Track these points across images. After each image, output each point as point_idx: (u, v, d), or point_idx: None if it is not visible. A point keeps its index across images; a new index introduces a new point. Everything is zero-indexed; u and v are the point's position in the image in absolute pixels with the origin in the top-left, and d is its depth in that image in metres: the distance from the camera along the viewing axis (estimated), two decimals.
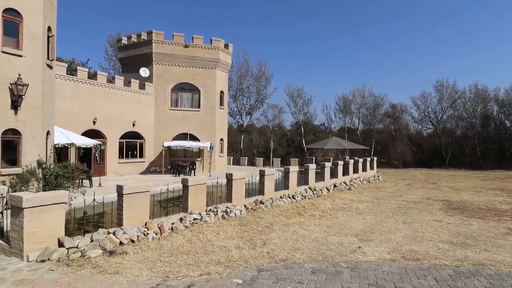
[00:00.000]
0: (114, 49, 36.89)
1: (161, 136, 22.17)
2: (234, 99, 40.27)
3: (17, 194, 5.73)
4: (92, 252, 5.97)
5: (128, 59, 23.83)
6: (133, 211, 7.33)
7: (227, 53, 24.81)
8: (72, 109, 17.42)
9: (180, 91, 23.17)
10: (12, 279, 4.97)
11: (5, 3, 10.60)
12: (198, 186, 9.02)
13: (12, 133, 10.82)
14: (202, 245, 6.94)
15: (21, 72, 10.86)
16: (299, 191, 13.35)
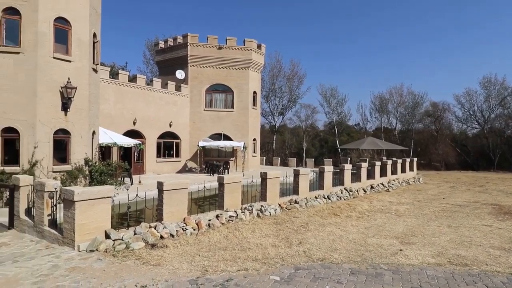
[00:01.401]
0: (151, 53, 38.51)
1: (196, 136, 22.76)
2: (267, 100, 40.33)
3: (69, 188, 6.16)
4: (135, 244, 6.27)
5: (165, 62, 24.75)
6: (172, 207, 7.59)
7: (259, 53, 24.94)
8: (114, 111, 18.40)
9: (214, 92, 23.64)
10: (65, 266, 5.35)
11: (56, 12, 11.44)
12: (234, 184, 9.15)
13: (63, 133, 11.66)
14: (238, 241, 7.03)
15: (70, 76, 11.67)
16: (335, 192, 13.09)
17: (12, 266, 5.30)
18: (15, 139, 10.82)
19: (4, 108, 10.57)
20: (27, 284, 4.68)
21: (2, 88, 10.56)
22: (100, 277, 4.99)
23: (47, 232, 6.74)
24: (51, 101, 11.23)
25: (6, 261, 5.54)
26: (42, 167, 10.94)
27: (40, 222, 6.93)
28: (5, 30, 10.78)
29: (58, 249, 6.14)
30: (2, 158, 10.66)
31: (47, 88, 11.12)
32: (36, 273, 5.07)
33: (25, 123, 10.78)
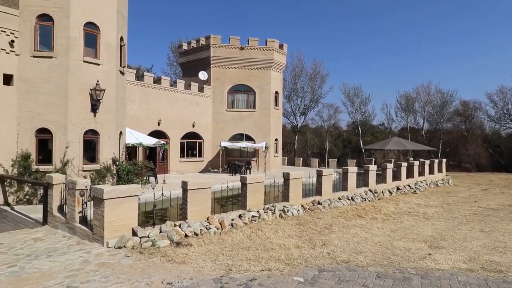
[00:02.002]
0: (175, 55, 39.33)
1: (218, 136, 23.00)
2: (288, 100, 40.14)
3: (99, 186, 6.39)
4: (161, 242, 6.41)
5: (188, 64, 25.19)
6: (196, 206, 7.70)
7: (281, 53, 24.86)
8: (140, 112, 18.93)
9: (236, 92, 23.79)
10: (95, 262, 5.55)
11: (86, 17, 11.91)
12: (256, 184, 9.16)
13: (92, 133, 12.11)
14: (261, 242, 7.03)
15: (99, 79, 12.10)
16: (359, 193, 12.81)
17: (46, 261, 5.56)
18: (48, 139, 11.35)
19: (39, 110, 11.12)
20: (60, 278, 4.90)
21: (37, 90, 11.12)
22: (128, 273, 5.15)
23: (78, 229, 7.03)
24: (81, 102, 11.70)
25: (41, 255, 5.83)
26: (73, 166, 11.42)
27: (72, 219, 7.23)
28: (40, 36, 11.34)
29: (88, 245, 6.38)
30: (36, 157, 11.21)
31: (78, 90, 11.60)
32: (68, 267, 5.30)
33: (58, 124, 11.29)
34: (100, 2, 12.26)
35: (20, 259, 5.66)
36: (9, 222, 8.38)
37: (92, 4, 11.99)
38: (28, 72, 11.10)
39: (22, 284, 4.67)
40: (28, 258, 5.71)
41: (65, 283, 4.72)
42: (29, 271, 5.13)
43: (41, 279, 4.84)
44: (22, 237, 7.03)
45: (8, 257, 5.73)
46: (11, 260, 5.58)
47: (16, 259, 5.64)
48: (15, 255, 5.86)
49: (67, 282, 4.73)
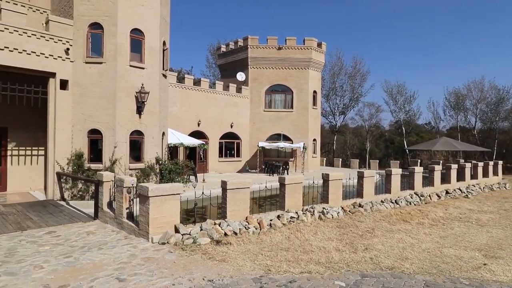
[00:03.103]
0: (213, 57, 40.26)
1: (256, 137, 23.15)
2: (327, 99, 39.30)
3: (144, 184, 6.71)
4: (202, 239, 6.57)
5: (226, 65, 25.65)
6: (235, 206, 7.79)
7: (320, 52, 24.41)
8: (181, 113, 19.61)
9: (274, 92, 23.78)
10: (141, 256, 5.83)
11: (132, 24, 12.57)
12: (295, 185, 9.07)
13: (137, 134, 12.76)
14: (300, 243, 6.94)
15: (143, 82, 12.72)
16: (403, 196, 12.17)
17: (98, 253, 5.95)
18: (98, 140, 12.15)
19: (91, 112, 11.95)
20: (110, 269, 5.21)
21: (89, 94, 11.96)
22: (171, 268, 5.33)
23: (125, 224, 7.43)
24: (128, 105, 12.37)
25: (93, 248, 6.24)
26: (121, 165, 12.11)
27: (120, 215, 7.66)
28: (91, 43, 12.18)
29: (134, 240, 6.72)
30: (88, 156, 12.06)
31: (125, 93, 12.29)
32: (117, 260, 5.61)
33: (107, 125, 12.05)
34: (145, 9, 12.89)
35: (74, 250, 6.11)
36: (65, 216, 9.09)
37: (137, 11, 12.64)
38: (81, 77, 11.96)
39: (77, 274, 5.03)
40: (81, 250, 6.15)
41: (115, 275, 5.00)
42: (82, 262, 5.51)
43: (93, 270, 5.18)
44: (76, 230, 7.59)
45: (64, 248, 6.21)
46: (67, 251, 6.03)
47: (71, 250, 6.09)
48: (70, 247, 6.33)
49: (116, 274, 5.01)
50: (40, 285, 4.61)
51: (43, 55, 11.22)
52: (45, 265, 5.29)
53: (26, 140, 13.05)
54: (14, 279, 4.76)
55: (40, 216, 8.95)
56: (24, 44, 10.80)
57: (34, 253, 5.94)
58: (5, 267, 5.21)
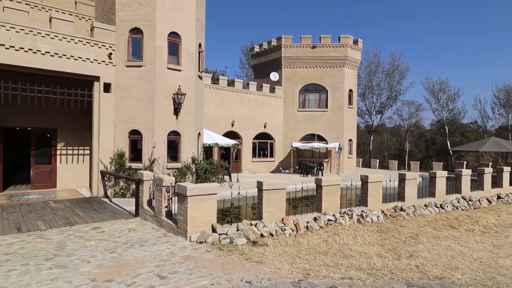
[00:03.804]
0: (247, 57, 40.52)
1: (289, 137, 22.93)
2: (363, 98, 38.03)
3: (182, 184, 6.83)
4: (238, 240, 6.56)
5: (260, 66, 25.67)
6: (271, 207, 7.72)
7: (356, 49, 23.67)
8: (216, 113, 19.91)
9: (308, 92, 23.42)
10: (180, 254, 5.93)
11: (169, 28, 12.93)
12: (332, 187, 8.81)
13: (174, 134, 13.10)
14: (339, 247, 6.70)
15: (180, 84, 13.04)
16: (449, 200, 11.40)
17: (139, 250, 6.14)
18: (138, 140, 12.64)
19: (131, 114, 12.46)
20: (151, 266, 5.34)
21: (130, 96, 12.48)
22: (209, 267, 5.37)
23: (164, 222, 7.62)
24: (166, 106, 12.75)
25: (135, 245, 6.46)
26: (159, 164, 12.51)
27: (159, 213, 7.88)
28: (132, 48, 12.70)
29: (173, 238, 6.87)
30: (129, 156, 12.58)
31: (163, 95, 12.67)
32: (158, 257, 5.75)
33: (146, 126, 12.50)
34: (181, 12, 13.21)
35: (118, 246, 6.36)
36: (108, 212, 9.54)
37: (174, 15, 12.98)
38: (123, 80, 12.51)
39: (121, 269, 5.21)
40: (124, 246, 6.38)
41: (156, 272, 5.12)
42: (125, 258, 5.71)
43: (135, 266, 5.34)
44: (119, 227, 7.92)
45: (109, 244, 6.49)
46: (111, 247, 6.29)
47: (115, 246, 6.35)
48: (114, 242, 6.60)
49: (157, 271, 5.13)
50: (87, 278, 4.83)
51: (88, 60, 11.87)
52: (92, 260, 5.55)
53: (73, 140, 13.90)
54: (64, 272, 5.03)
55: (86, 212, 9.46)
56: (72, 50, 11.50)
57: (81, 247, 6.26)
58: (56, 260, 5.53)
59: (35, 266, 5.20)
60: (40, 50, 10.83)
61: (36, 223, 8.07)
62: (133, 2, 12.54)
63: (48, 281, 4.70)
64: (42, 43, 10.88)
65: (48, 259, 5.56)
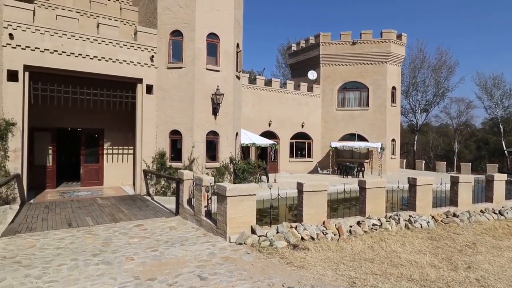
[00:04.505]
0: (283, 57, 40.21)
1: (328, 137, 22.30)
2: (406, 96, 36.05)
3: (222, 184, 6.78)
4: (278, 243, 6.37)
5: (297, 65, 25.27)
6: (311, 209, 7.43)
7: (399, 44, 22.43)
8: (253, 113, 19.89)
9: (347, 90, 22.62)
10: (220, 255, 5.87)
11: (208, 29, 13.07)
12: (377, 189, 8.31)
13: (213, 134, 13.22)
14: (386, 254, 6.26)
15: (218, 84, 13.12)
16: (509, 206, 10.31)
17: (180, 249, 6.17)
18: (178, 140, 12.92)
19: (172, 114, 12.77)
20: (192, 266, 5.33)
21: (170, 97, 12.79)
22: (249, 270, 5.23)
23: (204, 222, 7.64)
24: (205, 106, 12.91)
25: (176, 243, 6.51)
26: (198, 164, 12.69)
27: (199, 212, 7.92)
28: (172, 50, 13.02)
29: (213, 238, 6.85)
30: (170, 155, 12.90)
31: (202, 95, 12.84)
32: (198, 257, 5.73)
33: (186, 126, 12.74)
34: (220, 13, 13.29)
35: (160, 244, 6.45)
36: (150, 210, 9.81)
37: (213, 16, 13.10)
38: (164, 81, 12.86)
39: (163, 268, 5.25)
40: (165, 244, 6.46)
41: (196, 272, 5.09)
42: (167, 256, 5.76)
43: (176, 266, 5.35)
44: (160, 225, 8.08)
45: (151, 242, 6.61)
46: (153, 245, 6.40)
47: (157, 244, 6.45)
48: (156, 241, 6.72)
49: (198, 272, 5.09)
50: (131, 276, 4.91)
51: (132, 63, 12.35)
52: (135, 257, 5.66)
53: (119, 140, 14.57)
54: (110, 268, 5.16)
55: (130, 209, 9.81)
56: (117, 54, 12.03)
57: (125, 244, 6.44)
58: (102, 256, 5.71)
59: (83, 261, 5.41)
60: (88, 55, 11.45)
61: (84, 219, 8.49)
62: (174, 5, 12.84)
63: (94, 276, 4.84)
64: (91, 48, 11.49)
65: (95, 254, 5.76)
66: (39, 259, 5.48)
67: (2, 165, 9.97)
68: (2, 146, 9.99)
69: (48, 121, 12.95)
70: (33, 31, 10.52)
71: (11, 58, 10.21)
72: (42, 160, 13.12)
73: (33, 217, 8.57)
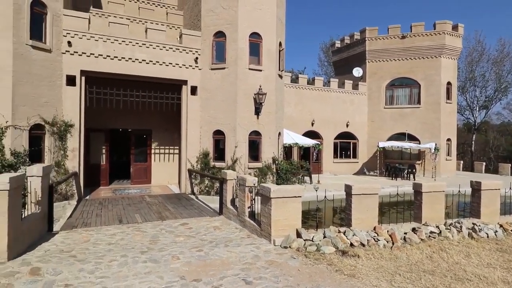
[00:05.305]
0: (326, 55, 39.17)
1: (375, 136, 21.18)
2: (462, 92, 33.20)
3: (266, 185, 6.60)
4: (325, 248, 6.03)
5: (341, 62, 24.39)
6: (361, 213, 6.97)
7: (455, 36, 20.63)
8: (295, 113, 19.51)
9: (396, 87, 21.30)
10: (264, 258, 5.68)
11: (251, 29, 12.99)
12: (435, 193, 7.58)
13: (255, 134, 13.13)
14: (448, 266, 5.63)
15: (261, 84, 12.99)
16: None
17: (224, 250, 6.10)
18: (221, 140, 13.01)
19: (215, 114, 12.90)
20: (236, 269, 5.20)
21: (214, 98, 12.93)
22: (296, 276, 4.98)
23: (247, 223, 7.53)
24: (247, 106, 12.85)
25: (220, 244, 6.46)
26: (241, 164, 12.67)
27: (242, 213, 7.83)
28: (215, 51, 13.15)
29: (257, 240, 6.69)
30: (213, 155, 13.05)
31: (244, 95, 12.81)
32: (242, 260, 5.60)
33: (229, 126, 12.79)
34: (262, 12, 13.16)
35: (204, 244, 6.44)
36: (195, 209, 9.95)
37: (255, 16, 13.00)
38: (207, 82, 13.03)
39: (208, 269, 5.19)
40: (210, 244, 6.43)
41: (241, 275, 4.95)
42: (212, 257, 5.71)
43: (221, 267, 5.27)
44: (204, 224, 8.12)
45: (196, 242, 6.63)
46: (198, 245, 6.41)
47: (201, 244, 6.44)
48: (200, 240, 6.73)
49: (243, 275, 4.95)
50: (177, 275, 4.90)
51: (177, 65, 12.69)
52: (181, 257, 5.68)
53: (165, 140, 15.08)
54: (157, 267, 5.22)
55: (176, 208, 10.04)
56: (164, 57, 12.43)
57: (171, 242, 6.52)
58: (150, 253, 5.81)
59: (132, 258, 5.53)
60: (138, 59, 11.96)
61: (134, 216, 8.82)
62: (217, 6, 12.96)
63: (142, 274, 4.91)
64: (140, 52, 12.00)
65: (143, 252, 5.89)
66: (92, 254, 5.72)
67: (61, 164, 10.75)
68: (62, 145, 10.78)
69: (102, 123, 13.78)
70: (89, 38, 11.22)
71: (69, 64, 10.99)
72: (97, 159, 13.99)
73: (88, 213, 9.10)
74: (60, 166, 10.72)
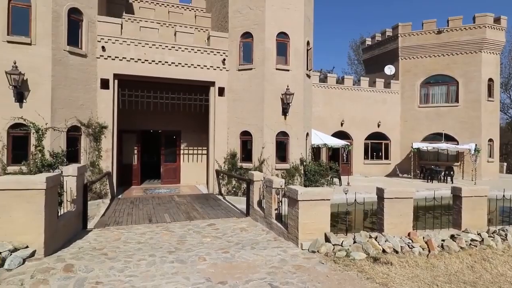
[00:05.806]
0: (355, 53, 38.13)
1: (408, 137, 20.25)
2: (505, 89, 31.00)
3: (293, 187, 6.45)
4: (356, 254, 5.78)
5: (372, 60, 23.60)
6: (394, 218, 6.62)
7: (498, 29, 19.26)
8: (324, 113, 19.10)
9: (431, 85, 20.25)
10: (291, 263, 5.54)
11: (278, 29, 12.86)
12: (476, 198, 7.06)
13: (282, 135, 12.98)
14: (491, 278, 5.19)
15: (288, 84, 12.82)
16: None
17: (250, 252, 6.02)
18: (248, 141, 12.99)
19: (242, 115, 12.90)
20: (262, 273, 5.10)
21: (241, 99, 12.94)
22: (324, 282, 4.80)
23: (274, 225, 7.41)
24: (274, 107, 12.74)
25: (247, 246, 6.39)
26: (268, 165, 12.57)
27: (269, 215, 7.72)
28: (242, 52, 13.15)
29: (284, 243, 6.55)
30: (240, 156, 13.05)
31: (271, 96, 12.70)
32: (269, 263, 5.49)
33: (256, 127, 12.73)
34: (290, 11, 12.99)
35: (230, 246, 6.40)
36: (222, 210, 9.97)
37: (283, 15, 12.86)
38: (235, 83, 13.07)
39: (233, 271, 5.14)
40: (236, 246, 6.38)
41: (267, 279, 4.84)
42: (238, 259, 5.65)
43: (247, 270, 5.19)
44: (231, 225, 8.10)
45: (222, 243, 6.61)
46: (224, 246, 6.38)
47: (228, 246, 6.41)
48: (227, 242, 6.70)
49: (269, 279, 4.84)
50: (203, 277, 4.89)
51: (205, 67, 12.83)
52: (207, 258, 5.67)
53: (193, 141, 15.32)
54: (183, 267, 5.24)
55: (203, 208, 10.12)
56: (192, 59, 12.62)
57: (198, 243, 6.55)
58: (177, 254, 5.86)
59: (159, 258, 5.60)
60: (167, 61, 12.23)
61: (163, 215, 8.99)
62: (244, 7, 12.96)
63: (169, 274, 4.94)
64: (169, 55, 12.26)
65: (171, 252, 5.95)
66: (122, 252, 5.86)
67: (96, 164, 11.22)
68: (96, 146, 11.25)
69: (133, 124, 14.24)
70: (121, 42, 11.62)
71: (103, 68, 11.45)
72: (129, 159, 14.49)
73: (120, 211, 9.40)
74: (94, 166, 11.19)
